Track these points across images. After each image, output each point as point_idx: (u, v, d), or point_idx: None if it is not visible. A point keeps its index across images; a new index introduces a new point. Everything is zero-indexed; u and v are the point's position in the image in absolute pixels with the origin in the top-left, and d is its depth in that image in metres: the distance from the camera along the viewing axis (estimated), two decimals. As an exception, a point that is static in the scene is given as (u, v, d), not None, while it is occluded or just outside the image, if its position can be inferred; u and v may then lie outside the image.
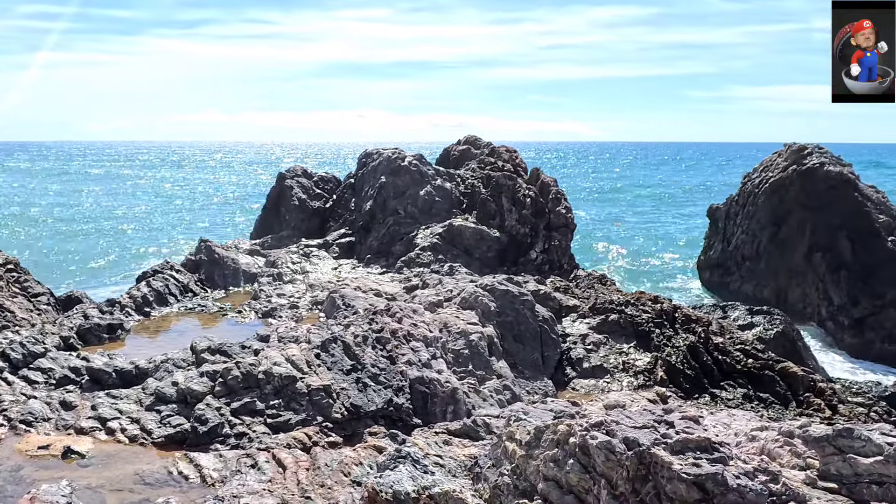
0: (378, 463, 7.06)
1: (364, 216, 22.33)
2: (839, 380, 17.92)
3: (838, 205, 30.21)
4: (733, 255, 34.65)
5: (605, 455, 5.52)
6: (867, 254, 28.92)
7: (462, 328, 13.17)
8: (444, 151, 26.37)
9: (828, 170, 31.19)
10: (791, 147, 33.93)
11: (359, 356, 11.50)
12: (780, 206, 32.19)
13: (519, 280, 16.03)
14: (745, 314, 20.94)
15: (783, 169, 32.74)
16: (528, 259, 20.56)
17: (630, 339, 14.95)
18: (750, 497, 5.13)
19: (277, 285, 18.86)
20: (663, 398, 12.94)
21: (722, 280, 35.19)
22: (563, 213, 21.24)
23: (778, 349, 17.99)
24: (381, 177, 22.63)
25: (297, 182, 25.18)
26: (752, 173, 35.79)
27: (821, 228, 30.25)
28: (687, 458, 5.37)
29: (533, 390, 13.28)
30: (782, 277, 31.65)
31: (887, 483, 5.46)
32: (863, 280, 28.53)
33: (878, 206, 30.80)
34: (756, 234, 33.30)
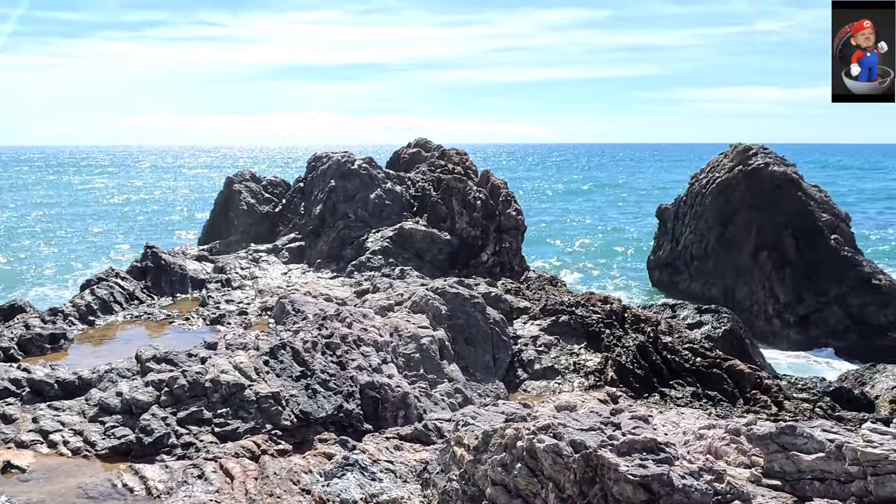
0: (326, 471, 6.97)
1: (314, 220, 22.15)
2: (785, 376, 18.22)
3: (783, 204, 30.82)
4: (682, 254, 35.14)
5: (552, 458, 5.52)
6: (811, 252, 29.54)
7: (413, 332, 13.10)
8: (394, 154, 26.30)
9: (772, 170, 31.79)
10: (736, 148, 34.54)
11: (308, 362, 11.37)
12: (726, 206, 32.72)
13: (470, 283, 16.02)
14: (693, 313, 21.21)
15: (729, 169, 33.30)
16: (480, 261, 20.58)
17: (580, 339, 15.02)
18: (695, 497, 5.16)
19: (226, 291, 18.60)
20: (614, 398, 13.02)
21: (671, 279, 35.66)
22: (513, 216, 21.30)
23: (726, 347, 18.24)
24: (331, 180, 22.47)
25: (246, 186, 24.89)
26: (699, 174, 36.35)
27: (766, 227, 30.82)
28: (633, 460, 5.38)
29: (485, 393, 13.26)
30: (730, 276, 32.17)
31: (829, 479, 5.54)
32: (807, 277, 29.13)
33: (820, 205, 31.48)
34: (704, 233, 33.81)
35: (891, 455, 5.30)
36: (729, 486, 5.28)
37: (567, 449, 5.51)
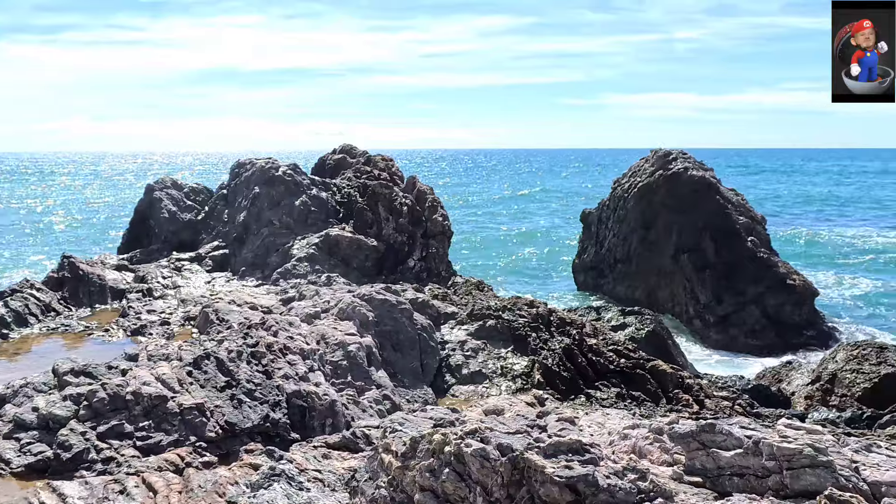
0: (252, 482, 6.87)
1: (238, 228, 21.83)
2: (706, 375, 18.70)
3: (702, 207, 31.65)
4: (606, 257, 35.74)
5: (479, 462, 5.55)
6: (729, 253, 30.39)
7: (340, 339, 13.02)
8: (320, 161, 26.11)
9: (691, 174, 32.62)
10: (657, 153, 35.34)
11: (233, 372, 11.19)
12: (648, 210, 33.43)
13: (397, 289, 16.01)
14: (617, 315, 21.56)
15: (650, 174, 34.03)
16: (407, 267, 20.57)
17: (508, 343, 15.14)
18: (620, 496, 5.25)
19: (147, 301, 18.18)
20: (541, 401, 13.16)
21: (596, 282, 36.24)
22: (439, 221, 21.37)
23: (649, 348, 18.62)
24: (255, 187, 22.19)
25: (167, 194, 24.39)
26: (621, 178, 37.05)
27: (686, 230, 31.59)
28: (559, 461, 5.45)
29: (413, 398, 13.25)
30: (652, 278, 32.87)
31: (747, 474, 5.70)
32: (726, 278, 29.95)
33: (737, 208, 32.41)
34: (627, 236, 34.46)
35: (805, 449, 5.48)
36: (652, 484, 5.39)
37: (494, 452, 5.55)
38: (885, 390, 17.91)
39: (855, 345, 20.56)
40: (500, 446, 5.58)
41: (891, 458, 5.86)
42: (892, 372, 18.54)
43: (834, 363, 19.70)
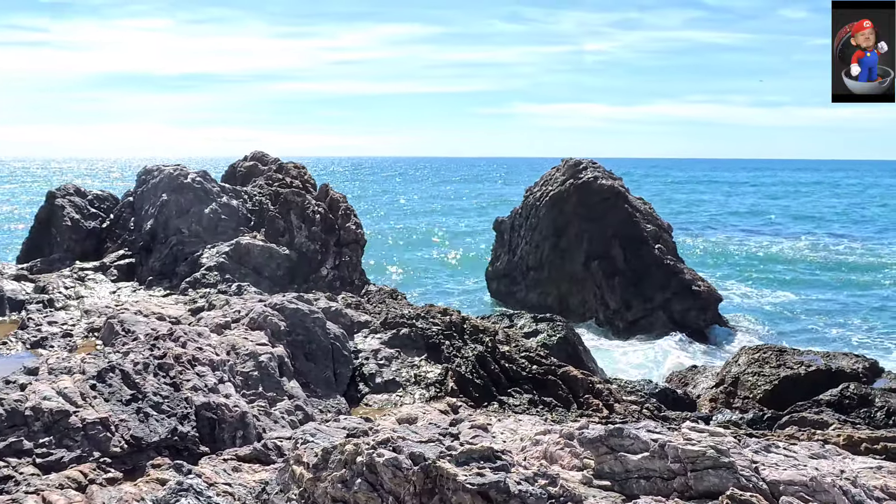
0: (158, 498, 6.68)
1: (145, 236, 21.25)
2: (616, 379, 19.07)
3: (611, 215, 32.36)
4: (518, 265, 36.15)
5: (391, 472, 5.53)
6: (637, 260, 31.15)
7: (251, 349, 12.81)
8: (230, 168, 25.67)
9: (601, 183, 33.32)
10: (568, 162, 35.97)
11: (139, 385, 10.87)
12: (559, 218, 33.97)
13: (310, 297, 15.84)
14: (530, 322, 21.80)
15: (561, 183, 34.61)
16: (320, 276, 20.39)
17: (421, 351, 15.15)
18: (531, 501, 5.31)
19: (48, 312, 17.53)
20: (454, 408, 13.21)
21: (509, 290, 36.61)
22: (353, 229, 21.26)
23: (561, 354, 18.89)
24: (163, 195, 21.65)
25: (70, 201, 23.58)
26: (533, 187, 37.56)
27: (596, 238, 32.25)
28: (471, 469, 5.48)
29: (326, 408, 13.13)
30: (564, 285, 33.40)
31: (654, 477, 5.84)
32: (634, 285, 30.69)
33: (645, 216, 33.26)
34: (539, 244, 34.93)
35: (708, 451, 5.65)
36: (562, 489, 5.47)
37: (406, 462, 5.54)
38: (784, 392, 18.60)
39: (756, 348, 21.30)
40: (412, 455, 5.57)
41: (788, 457, 6.09)
42: (792, 374, 19.27)
43: (737, 366, 20.37)
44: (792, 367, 19.47)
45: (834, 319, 35.85)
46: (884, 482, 6.28)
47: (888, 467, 7.00)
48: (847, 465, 6.89)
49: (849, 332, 33.51)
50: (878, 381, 19.22)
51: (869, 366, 19.69)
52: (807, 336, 32.43)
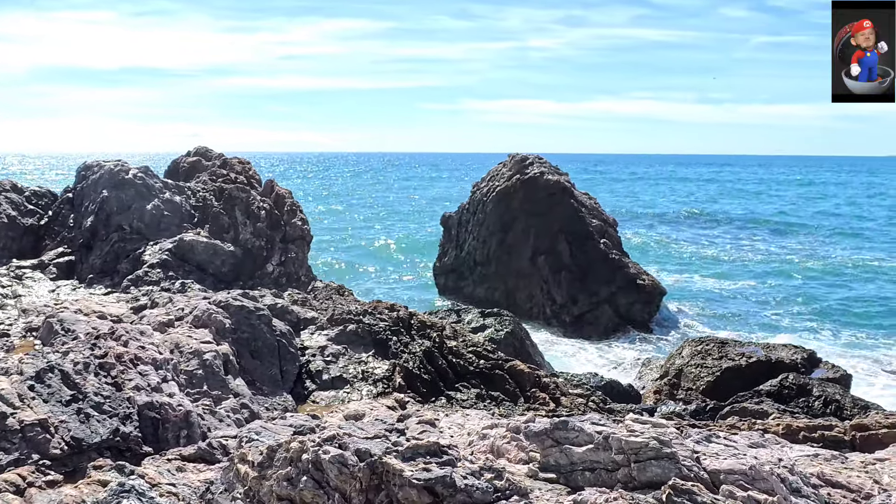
0: (98, 500, 6.56)
1: (85, 233, 20.79)
2: (562, 373, 19.26)
3: (557, 211, 32.64)
4: (466, 260, 36.25)
5: (337, 469, 5.50)
6: (583, 255, 31.47)
7: (195, 348, 12.64)
8: (173, 164, 25.25)
9: (547, 178, 33.58)
10: (514, 158, 36.16)
11: (80, 385, 10.64)
12: (506, 213, 34.15)
13: (255, 294, 15.68)
14: (477, 317, 21.91)
15: (508, 178, 34.78)
16: (265, 272, 20.18)
17: (369, 347, 15.11)
18: (477, 495, 5.33)
19: (-16, 312, 17.06)
20: (402, 404, 13.20)
21: (456, 285, 36.68)
22: (298, 225, 21.09)
23: (508, 349, 19.03)
24: (103, 191, 21.20)
25: (6, 197, 22.94)
26: (480, 183, 37.68)
27: (543, 233, 32.49)
28: (417, 464, 5.48)
29: (272, 406, 13.02)
30: (511, 280, 33.59)
31: (598, 469, 5.91)
32: (580, 280, 31.00)
33: (591, 211, 33.61)
34: (486, 240, 35.07)
35: (650, 442, 5.73)
36: (508, 482, 5.50)
37: (352, 458, 5.52)
38: (726, 383, 19.01)
39: (699, 341, 21.72)
40: (358, 451, 5.55)
41: (728, 447, 6.21)
42: (733, 365, 19.70)
43: (680, 359, 20.75)
44: (733, 358, 19.89)
45: (775, 311, 36.70)
46: (820, 469, 6.44)
47: (824, 455, 7.19)
48: (785, 453, 7.06)
49: (789, 324, 34.35)
50: (816, 371, 19.72)
51: (807, 356, 20.21)
52: (748, 328, 33.14)
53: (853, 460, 7.12)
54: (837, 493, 6.15)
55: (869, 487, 6.29)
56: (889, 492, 6.11)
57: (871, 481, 6.45)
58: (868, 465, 6.97)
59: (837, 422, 11.53)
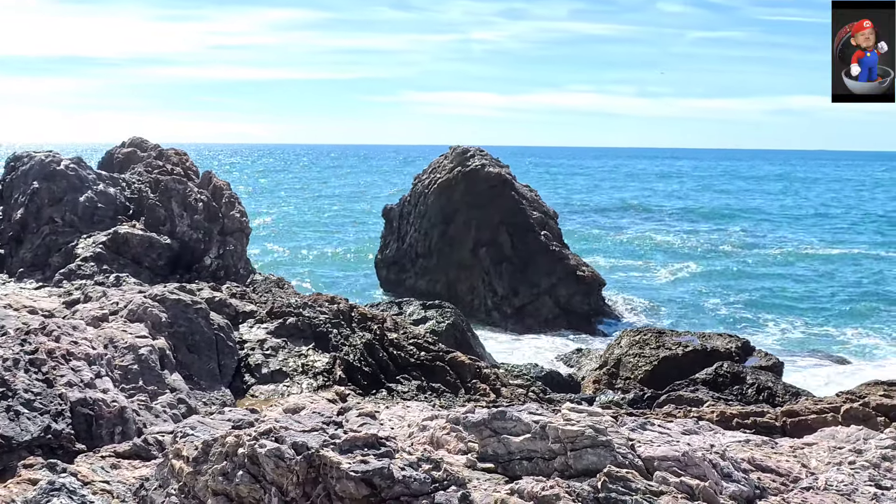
0: (28, 499, 6.40)
1: (14, 226, 20.22)
2: (503, 364, 19.40)
3: (498, 203, 32.82)
4: (408, 252, 36.22)
5: (274, 462, 5.45)
6: (524, 247, 31.71)
7: (130, 342, 12.39)
8: (108, 155, 24.70)
9: (488, 171, 33.72)
10: (455, 150, 36.21)
11: (9, 382, 10.36)
12: (448, 205, 34.21)
13: (192, 288, 15.44)
14: (419, 309, 21.93)
15: (449, 170, 34.83)
16: (203, 265, 19.88)
17: (309, 340, 15.00)
18: (415, 486, 5.33)
19: None
20: (342, 397, 13.15)
21: (398, 277, 36.64)
22: (237, 218, 20.82)
23: (450, 340, 19.09)
24: (34, 182, 20.63)
25: (-69, 190, 22.20)
26: (421, 175, 37.67)
27: (484, 225, 32.65)
28: (355, 456, 5.46)
29: (210, 401, 12.85)
30: (453, 272, 33.68)
31: (535, 458, 5.97)
32: (521, 271, 31.23)
33: (531, 203, 33.86)
34: (428, 231, 35.09)
35: (586, 431, 5.81)
36: (446, 472, 5.52)
37: (289, 452, 5.47)
38: (663, 372, 19.37)
39: (637, 331, 22.09)
40: (295, 445, 5.51)
41: (662, 434, 6.33)
42: (670, 355, 20.07)
43: (619, 348, 21.06)
44: (670, 348, 20.27)
45: (712, 301, 37.49)
46: (751, 454, 6.60)
47: (755, 440, 7.38)
48: (718, 439, 7.22)
49: (724, 313, 35.14)
50: (750, 359, 20.22)
51: (741, 345, 20.69)
52: (686, 318, 33.79)
53: (782, 445, 7.31)
54: (767, 477, 6.31)
55: (797, 471, 6.47)
56: (816, 475, 6.29)
57: (800, 465, 6.64)
58: (797, 449, 7.17)
59: (769, 408, 11.86)
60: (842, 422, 10.11)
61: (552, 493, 5.24)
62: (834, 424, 9.60)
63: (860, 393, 13.11)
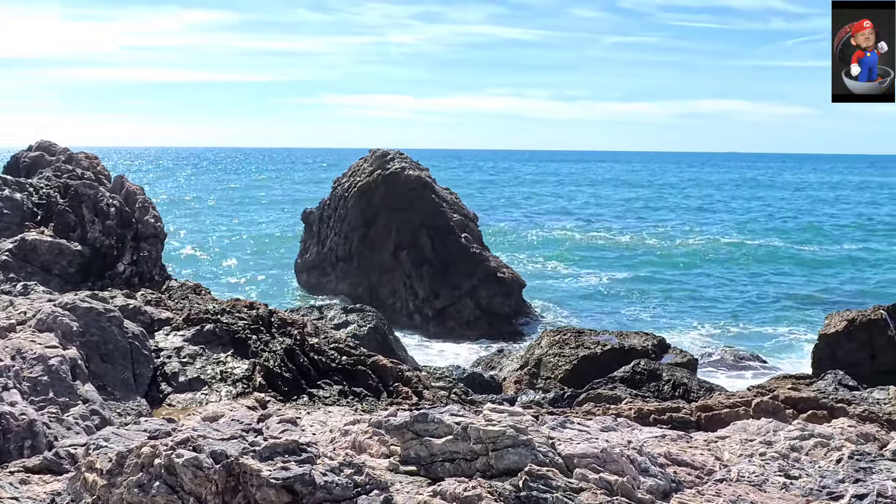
0: (-71, 519, 6.11)
1: (-86, 234, 19.32)
2: (425, 367, 19.43)
3: (418, 206, 32.88)
4: (328, 256, 35.99)
5: (192, 472, 5.34)
6: (444, 250, 31.84)
7: (39, 353, 11.96)
8: (13, 159, 23.84)
9: (408, 174, 33.76)
10: (375, 153, 36.15)
11: None
12: (368, 209, 34.12)
13: (105, 296, 14.99)
14: (340, 313, 21.80)
15: (369, 174, 34.75)
16: (116, 272, 19.34)
17: (227, 347, 14.73)
18: (336, 491, 5.29)
19: None
20: (262, 403, 12.95)
21: (319, 281, 36.37)
22: (151, 223, 20.32)
23: (371, 344, 19.01)
24: (-66, 188, 19.77)
25: None
26: (341, 178, 37.48)
27: (405, 228, 32.66)
28: (276, 463, 5.39)
29: (125, 412, 12.50)
30: (374, 275, 33.60)
31: (457, 459, 5.99)
32: (442, 274, 31.35)
33: (451, 206, 34.03)
34: (348, 235, 34.93)
35: (507, 431, 5.86)
36: (368, 477, 5.49)
37: (207, 461, 5.36)
38: (582, 370, 19.69)
39: (557, 331, 22.40)
40: (213, 453, 5.40)
41: (582, 432, 6.43)
42: (589, 354, 20.42)
43: (539, 349, 21.32)
44: (589, 347, 20.61)
45: (630, 300, 38.29)
46: (667, 449, 6.77)
47: (671, 435, 7.56)
48: (635, 435, 7.37)
49: (642, 311, 35.95)
50: (666, 356, 20.73)
51: (657, 343, 21.19)
52: (605, 316, 34.44)
53: (697, 439, 7.51)
54: (683, 470, 6.47)
55: (711, 464, 6.66)
56: (729, 467, 6.48)
57: (713, 458, 6.83)
58: (711, 443, 7.37)
59: (685, 404, 12.16)
60: (753, 415, 10.44)
61: (474, 493, 5.27)
62: (746, 418, 9.92)
63: (770, 387, 13.60)
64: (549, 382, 19.66)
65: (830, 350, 18.22)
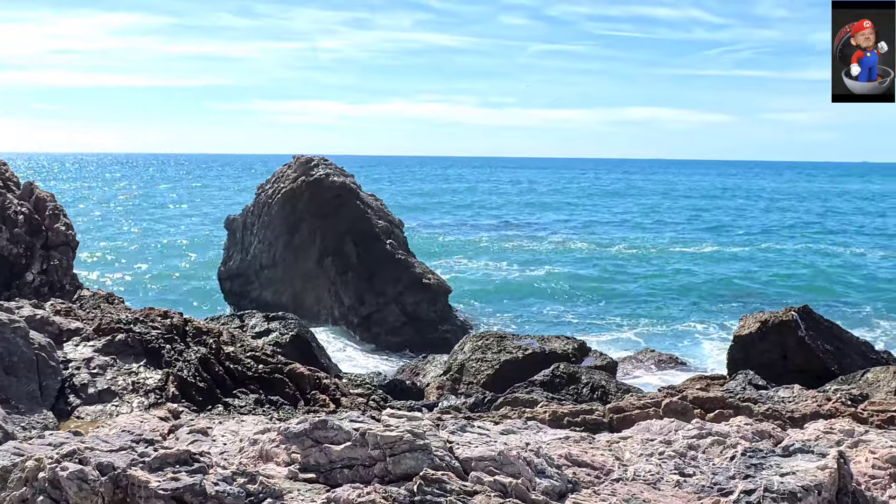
0: None
1: None
2: (346, 374, 19.31)
3: (343, 212, 32.69)
4: (252, 264, 35.51)
5: (77, 485, 5.20)
6: (370, 256, 31.71)
7: (-63, 366, 11.52)
8: (-83, 165, 22.89)
9: (332, 180, 33.54)
10: (300, 159, 35.83)
11: None
12: (292, 215, 33.78)
13: (10, 306, 14.50)
14: (262, 321, 21.50)
15: (293, 180, 34.42)
16: (25, 282, 18.74)
17: (140, 357, 14.39)
18: (228, 501, 5.23)
19: None
20: (175, 414, 12.68)
21: (242, 289, 35.85)
22: (62, 231, 19.75)
23: (294, 352, 18.80)
24: None
25: None
26: (265, 184, 37.05)
27: (329, 235, 32.43)
28: (166, 474, 5.29)
29: (30, 425, 12.10)
30: (298, 283, 33.28)
31: (356, 465, 5.96)
32: (367, 280, 31.22)
33: (377, 212, 33.94)
34: (272, 242, 34.53)
35: (405, 436, 5.86)
36: (262, 485, 5.44)
37: (93, 473, 5.24)
38: (505, 375, 19.81)
39: (480, 335, 22.49)
40: (100, 466, 5.28)
41: (481, 435, 6.47)
42: (511, 358, 20.56)
43: (462, 354, 21.39)
44: (511, 351, 20.77)
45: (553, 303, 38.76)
46: (567, 450, 6.85)
47: (574, 437, 7.65)
48: (538, 437, 7.45)
49: (565, 314, 36.40)
50: (586, 359, 21.01)
51: (578, 346, 21.48)
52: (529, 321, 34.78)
53: (599, 440, 7.62)
54: (583, 471, 6.55)
55: (610, 464, 6.76)
56: (627, 466, 6.60)
57: (613, 458, 6.94)
58: (613, 443, 7.48)
59: (599, 406, 12.32)
60: (662, 415, 10.63)
61: (368, 499, 5.25)
62: (656, 418, 10.10)
63: (681, 387, 13.89)
64: (471, 387, 19.73)
65: (744, 351, 18.69)
